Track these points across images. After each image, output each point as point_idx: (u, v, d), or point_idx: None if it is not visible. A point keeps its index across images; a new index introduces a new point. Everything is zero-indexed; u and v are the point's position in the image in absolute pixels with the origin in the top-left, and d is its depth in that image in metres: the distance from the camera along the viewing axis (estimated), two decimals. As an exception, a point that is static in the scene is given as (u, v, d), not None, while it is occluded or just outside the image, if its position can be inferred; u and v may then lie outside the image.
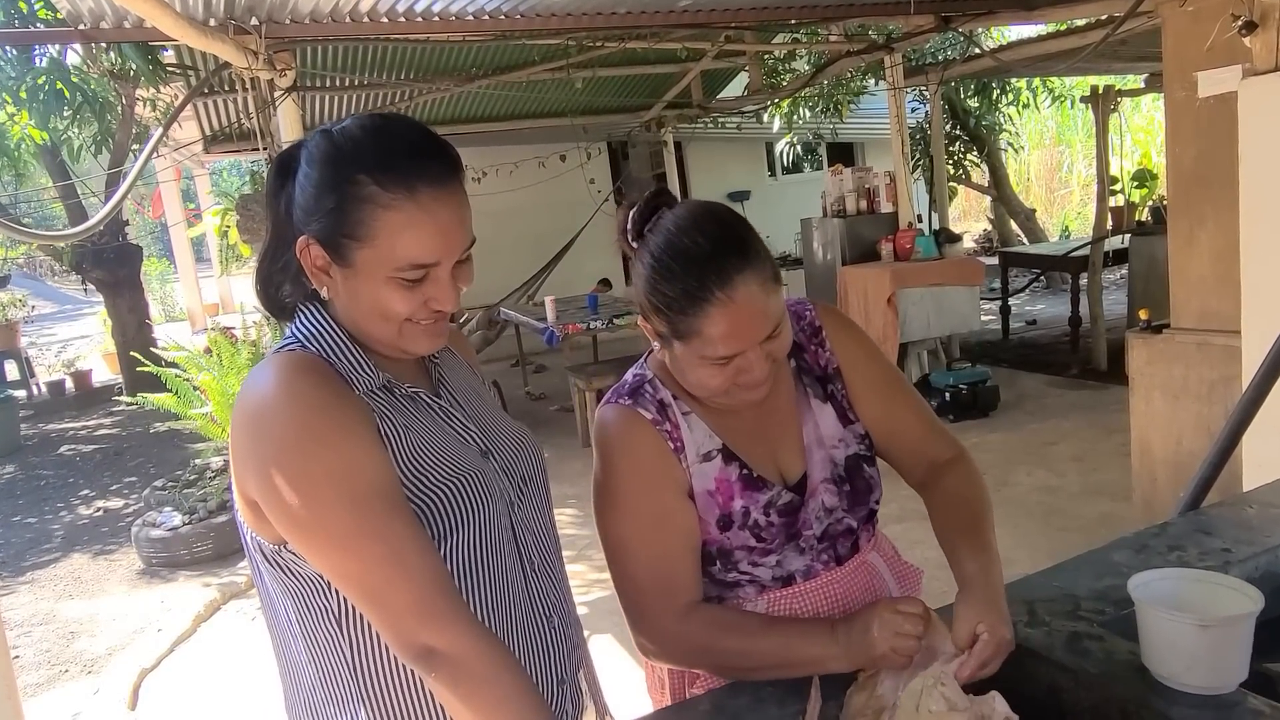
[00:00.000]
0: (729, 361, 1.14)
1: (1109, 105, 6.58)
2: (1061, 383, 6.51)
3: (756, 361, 1.14)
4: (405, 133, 1.01)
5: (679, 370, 1.21)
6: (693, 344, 1.13)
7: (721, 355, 1.13)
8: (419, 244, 0.98)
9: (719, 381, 1.16)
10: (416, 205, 0.97)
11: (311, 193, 1.00)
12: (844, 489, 1.29)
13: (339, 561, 0.96)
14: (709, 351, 1.13)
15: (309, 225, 1.00)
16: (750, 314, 1.11)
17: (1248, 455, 2.65)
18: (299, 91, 4.43)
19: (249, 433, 0.98)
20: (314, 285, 1.04)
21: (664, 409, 1.24)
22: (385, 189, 0.96)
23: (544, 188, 9.02)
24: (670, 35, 6.03)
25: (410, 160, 0.98)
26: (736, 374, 1.15)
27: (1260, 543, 1.40)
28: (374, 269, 0.99)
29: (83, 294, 17.48)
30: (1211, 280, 3.37)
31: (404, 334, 1.03)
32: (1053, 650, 1.14)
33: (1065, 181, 16.03)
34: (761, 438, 1.28)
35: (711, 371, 1.15)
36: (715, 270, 1.10)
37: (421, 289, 1.00)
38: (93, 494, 6.65)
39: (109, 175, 8.28)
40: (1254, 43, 2.72)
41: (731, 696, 1.13)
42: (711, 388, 1.17)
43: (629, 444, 1.22)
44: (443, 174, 1.00)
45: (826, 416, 1.31)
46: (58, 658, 4.03)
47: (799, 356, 1.33)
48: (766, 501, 1.24)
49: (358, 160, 0.98)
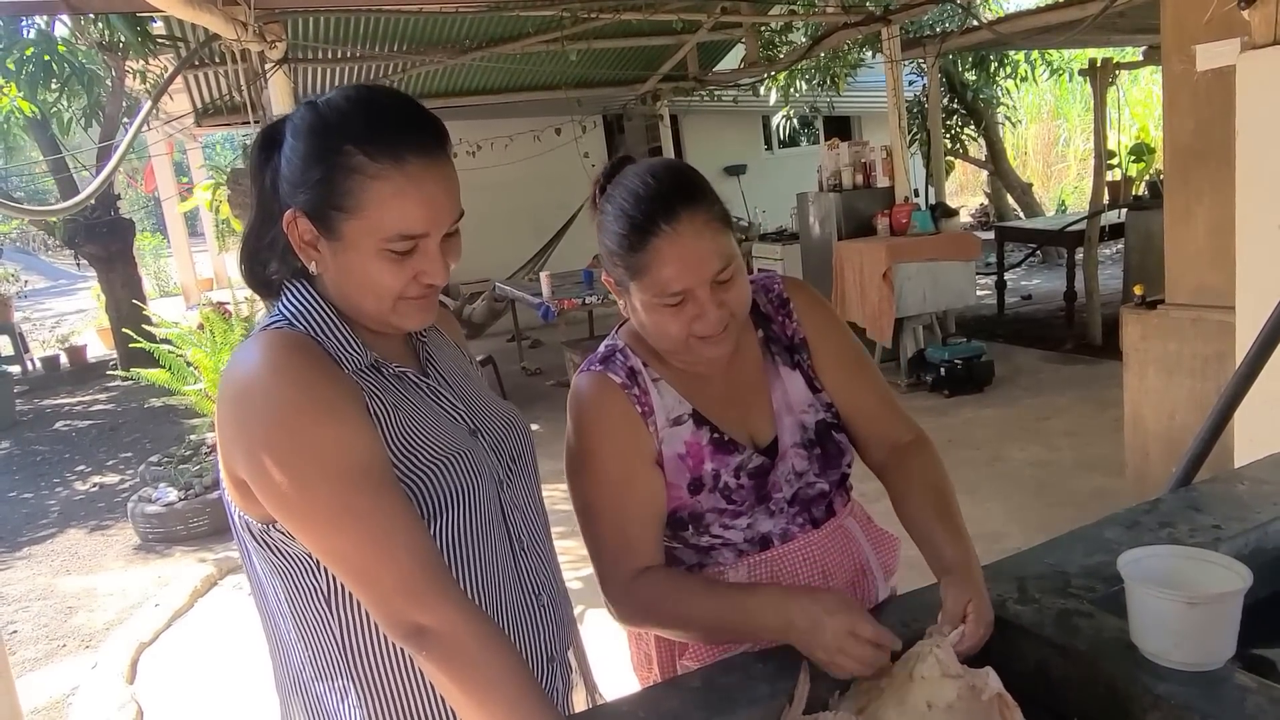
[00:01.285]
0: (681, 303, 1.16)
1: (1107, 78, 6.53)
2: (1056, 358, 6.52)
3: (709, 306, 1.16)
4: (392, 104, 1.00)
5: (640, 323, 1.23)
6: (645, 283, 1.16)
7: (671, 292, 1.15)
8: (407, 215, 0.97)
9: (676, 328, 1.18)
10: (404, 176, 0.96)
11: (298, 165, 0.99)
12: (814, 452, 1.31)
13: (329, 540, 0.95)
14: (660, 289, 1.15)
15: (296, 198, 0.99)
16: (696, 249, 1.14)
17: (1240, 431, 2.67)
18: (290, 64, 4.38)
19: (236, 412, 0.97)
20: (302, 260, 1.03)
21: (634, 375, 1.26)
22: (373, 159, 0.96)
23: (538, 161, 8.97)
24: (666, 6, 5.98)
25: (397, 131, 0.98)
26: (692, 320, 1.17)
27: (1251, 519, 1.41)
28: (362, 241, 0.98)
29: (76, 269, 17.40)
30: (1207, 255, 3.36)
31: (396, 310, 1.02)
32: (1042, 627, 1.15)
33: (1062, 155, 15.97)
34: (731, 403, 1.30)
35: (667, 316, 1.17)
36: (662, 206, 1.15)
37: (410, 262, 1.00)
38: (89, 469, 6.66)
39: (100, 148, 8.21)
40: (1253, 16, 2.69)
41: (723, 674, 1.14)
42: (670, 335, 1.19)
43: (598, 410, 1.24)
44: (430, 145, 0.99)
45: (795, 383, 1.33)
46: (55, 632, 4.05)
47: (766, 326, 1.35)
48: (737, 465, 1.26)
49: (344, 131, 0.97)
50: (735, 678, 1.12)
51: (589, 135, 9.59)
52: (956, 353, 5.90)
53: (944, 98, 9.60)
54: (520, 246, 9.46)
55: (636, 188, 1.17)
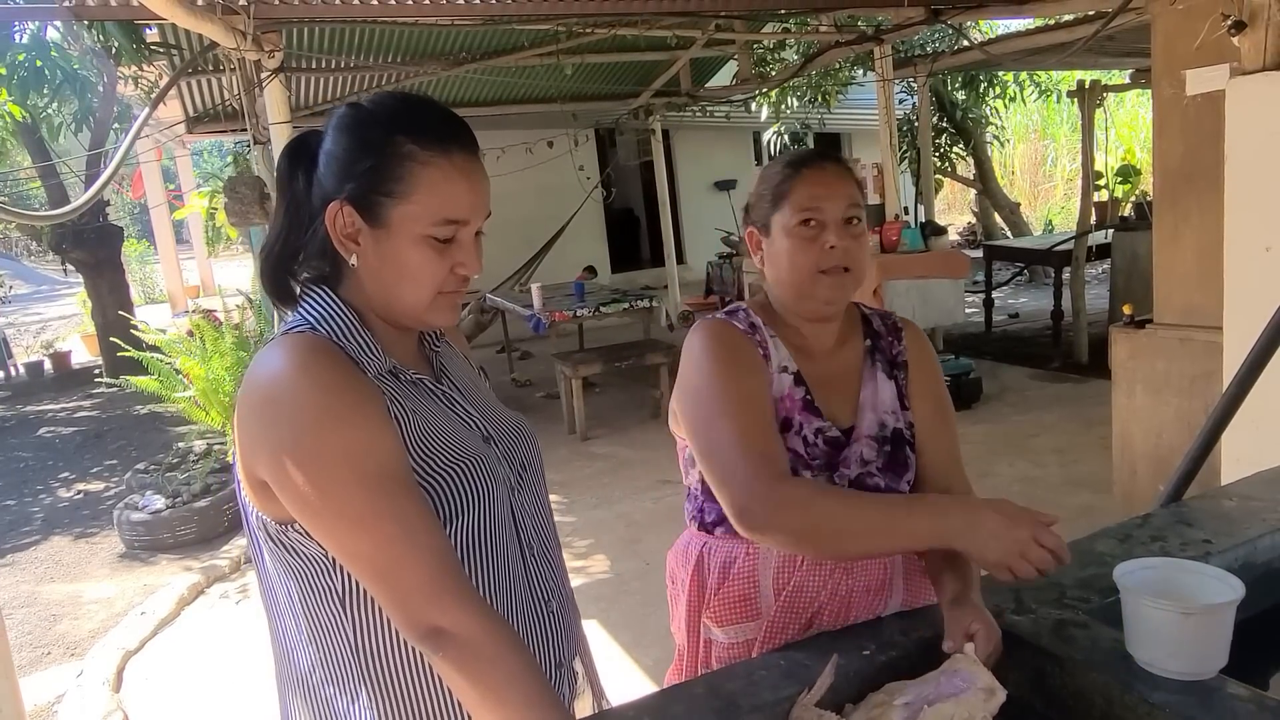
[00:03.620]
0: (815, 235, 1.33)
1: (1095, 100, 6.62)
2: (1043, 376, 6.58)
3: (837, 234, 1.33)
4: (435, 106, 1.07)
5: (774, 263, 1.38)
6: (786, 207, 1.35)
7: (810, 208, 1.33)
8: (454, 199, 1.03)
9: (806, 258, 1.33)
10: (451, 164, 1.03)
11: (344, 158, 1.03)
12: (884, 449, 1.38)
13: (350, 540, 0.97)
14: (801, 206, 1.33)
15: (342, 189, 1.03)
16: (838, 183, 1.35)
17: (1227, 450, 2.70)
18: (286, 73, 4.39)
19: (261, 414, 0.98)
20: (342, 254, 1.05)
21: (754, 328, 1.40)
22: (423, 148, 1.02)
23: (531, 173, 8.98)
24: (660, 23, 6.02)
25: (444, 125, 1.05)
26: (822, 248, 1.32)
27: (1240, 534, 1.44)
28: (409, 226, 1.02)
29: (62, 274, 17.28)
30: (1195, 276, 3.41)
31: (434, 303, 1.06)
32: (1039, 637, 1.17)
33: (1050, 175, 16.14)
34: (826, 383, 1.40)
35: (800, 245, 1.33)
36: (817, 154, 1.40)
37: (449, 252, 1.04)
38: (73, 476, 6.60)
39: (90, 155, 8.18)
40: (1243, 42, 2.74)
41: (727, 680, 1.15)
42: (799, 265, 1.34)
43: (724, 341, 1.35)
44: (471, 143, 1.07)
45: (887, 390, 1.42)
46: (40, 640, 4.01)
47: (875, 339, 1.46)
48: (817, 428, 1.36)
49: (394, 123, 1.03)
50: (739, 684, 1.13)
51: (582, 148, 9.62)
52: (945, 370, 5.90)
53: (934, 116, 9.69)
54: (510, 257, 9.47)
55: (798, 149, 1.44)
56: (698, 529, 1.44)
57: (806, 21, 6.90)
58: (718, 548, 1.39)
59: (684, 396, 1.35)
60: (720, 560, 1.39)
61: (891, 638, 1.22)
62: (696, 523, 1.44)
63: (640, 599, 3.66)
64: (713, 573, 1.39)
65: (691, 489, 1.45)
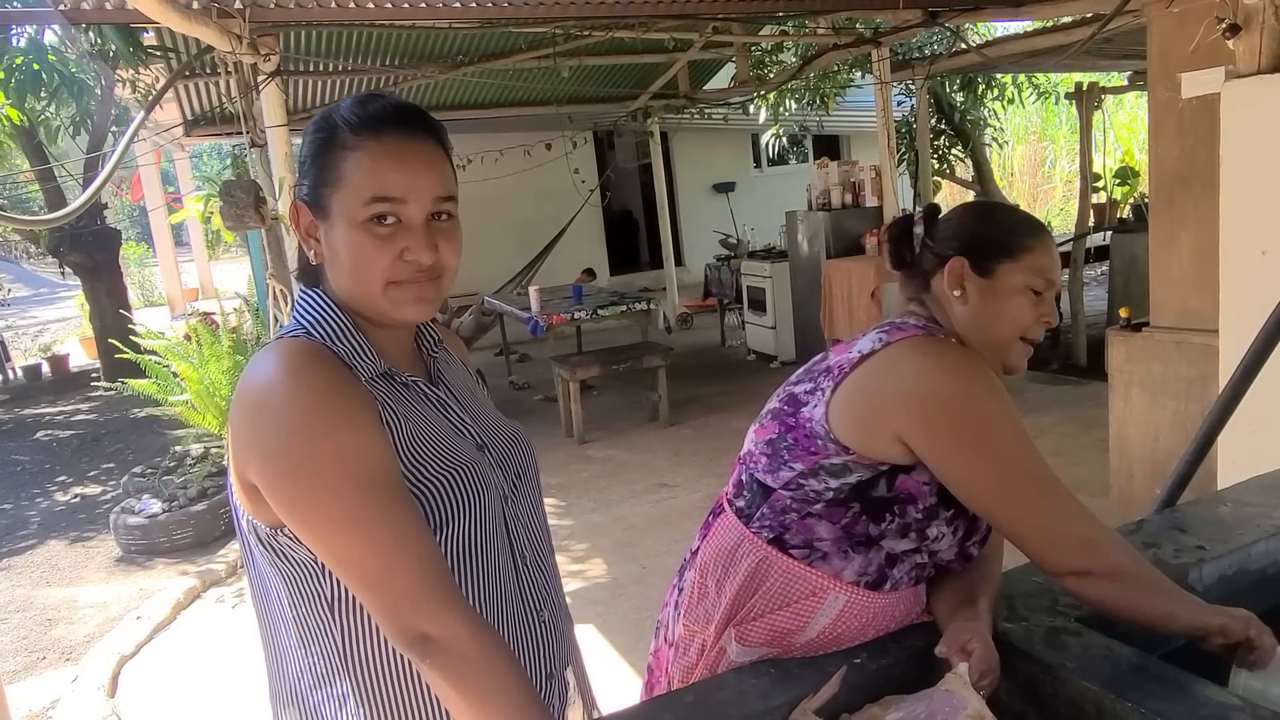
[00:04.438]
0: (1043, 296, 1.30)
1: (1093, 102, 6.62)
2: (1042, 378, 6.57)
3: (1051, 309, 1.31)
4: (383, 97, 1.06)
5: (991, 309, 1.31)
6: (1024, 261, 1.30)
7: (1045, 280, 1.30)
8: (382, 176, 1.00)
9: (1031, 315, 1.31)
10: (380, 144, 1.01)
11: (301, 159, 1.06)
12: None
13: (340, 545, 0.96)
14: (1037, 274, 1.30)
15: (300, 190, 1.06)
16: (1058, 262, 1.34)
17: (1223, 453, 2.70)
18: (282, 76, 4.38)
19: (252, 418, 0.98)
20: (308, 253, 1.07)
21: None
22: (354, 133, 1.01)
23: (529, 176, 9.00)
24: (658, 25, 6.02)
25: (381, 112, 1.03)
26: (1040, 314, 1.31)
27: (1234, 541, 1.43)
28: (345, 210, 1.01)
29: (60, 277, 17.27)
30: (1191, 279, 3.41)
31: (388, 295, 1.04)
32: (1031, 644, 1.16)
33: (1048, 177, 16.14)
34: None
35: (1028, 303, 1.30)
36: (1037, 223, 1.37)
37: (394, 238, 1.02)
38: (70, 480, 6.59)
39: (87, 158, 8.18)
40: (1237, 45, 2.74)
41: (717, 689, 1.14)
42: (1023, 323, 1.31)
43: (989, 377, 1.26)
44: (413, 124, 1.04)
45: None
46: (35, 645, 4.01)
47: None
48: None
49: (335, 117, 1.03)
50: (729, 692, 1.12)
51: (580, 151, 9.63)
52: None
53: (932, 118, 9.69)
54: (509, 260, 9.47)
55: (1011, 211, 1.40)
56: (768, 543, 1.28)
57: (804, 24, 6.90)
58: (782, 568, 1.27)
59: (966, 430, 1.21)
60: (782, 580, 1.27)
61: (884, 646, 1.22)
62: (768, 534, 1.28)
63: (637, 603, 3.66)
64: (770, 590, 1.28)
65: (778, 498, 1.28)
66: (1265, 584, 1.42)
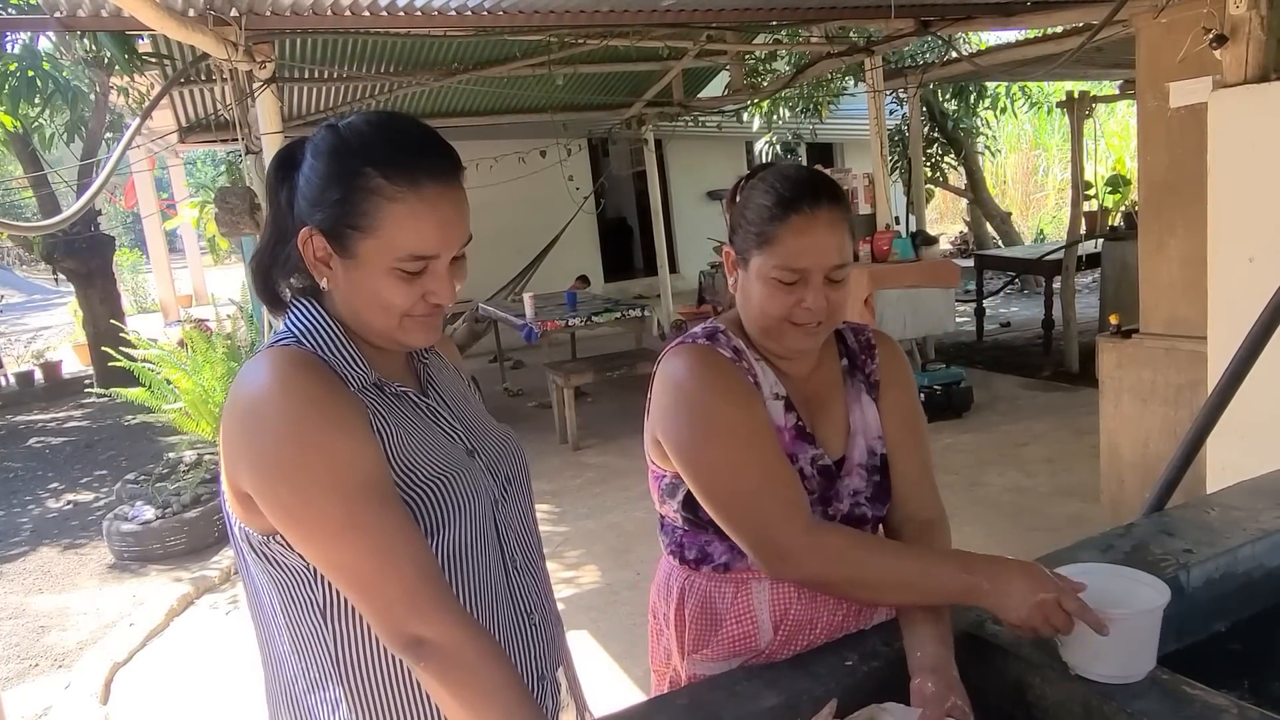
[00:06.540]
0: (794, 284, 1.23)
1: (1084, 111, 6.66)
2: (1034, 385, 6.60)
3: (815, 295, 1.23)
4: (411, 129, 1.04)
5: (747, 296, 1.29)
6: (771, 252, 1.23)
7: (794, 266, 1.22)
8: (421, 236, 1.00)
9: (779, 307, 1.24)
10: (420, 199, 0.99)
11: (317, 184, 1.02)
12: (873, 479, 1.36)
13: (332, 551, 0.97)
14: (784, 260, 1.22)
15: (312, 216, 1.02)
16: (828, 236, 1.23)
17: (1212, 458, 2.72)
18: (278, 83, 4.40)
19: (244, 426, 0.99)
20: (314, 277, 1.06)
21: (739, 353, 1.32)
22: (391, 182, 0.99)
23: (523, 183, 8.99)
24: (652, 33, 6.04)
25: (416, 156, 1.01)
26: (797, 303, 1.24)
27: (1221, 545, 1.44)
28: (376, 260, 1.01)
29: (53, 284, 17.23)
30: (1180, 287, 3.44)
31: (402, 326, 1.05)
32: (1020, 646, 1.17)
33: (1041, 185, 16.21)
34: (812, 406, 1.35)
35: (777, 293, 1.24)
36: (809, 191, 1.24)
37: (420, 281, 1.03)
38: (62, 487, 6.57)
39: (81, 164, 8.17)
40: (1224, 56, 2.77)
41: (709, 691, 1.15)
42: (771, 313, 1.25)
43: (715, 372, 1.27)
44: (446, 170, 1.03)
45: (870, 412, 1.38)
46: (27, 652, 3.99)
47: (852, 358, 1.42)
48: (812, 457, 1.31)
49: (364, 154, 1.00)
50: (721, 695, 1.13)
51: (574, 159, 9.63)
52: (936, 379, 5.96)
53: (925, 127, 9.74)
54: (503, 267, 9.47)
55: (790, 174, 1.28)
56: (678, 563, 1.37)
57: (798, 33, 6.94)
58: (701, 585, 1.34)
59: (676, 431, 1.26)
60: (702, 598, 1.34)
61: (874, 648, 1.23)
62: (676, 557, 1.37)
63: (631, 609, 3.66)
64: (696, 611, 1.34)
65: (668, 520, 1.38)
66: (1251, 587, 1.43)
